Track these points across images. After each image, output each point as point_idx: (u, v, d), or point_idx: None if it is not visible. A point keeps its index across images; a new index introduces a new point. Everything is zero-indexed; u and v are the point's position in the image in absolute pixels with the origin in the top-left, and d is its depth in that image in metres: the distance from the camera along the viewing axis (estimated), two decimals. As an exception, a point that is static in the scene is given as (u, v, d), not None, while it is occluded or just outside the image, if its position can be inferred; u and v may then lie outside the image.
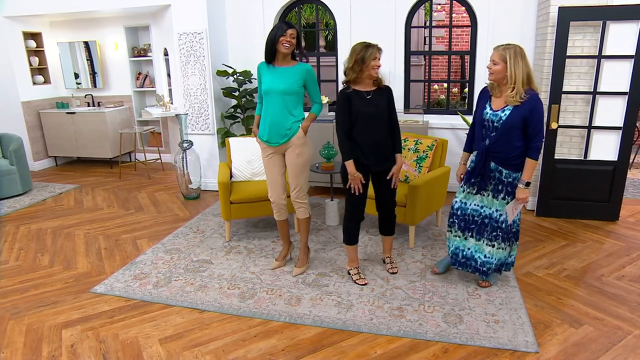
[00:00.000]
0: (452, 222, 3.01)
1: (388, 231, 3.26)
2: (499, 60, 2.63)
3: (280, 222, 3.36)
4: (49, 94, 6.80)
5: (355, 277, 3.17)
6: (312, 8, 8.91)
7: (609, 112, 4.05)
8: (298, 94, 3.07)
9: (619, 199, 4.15)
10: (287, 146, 3.12)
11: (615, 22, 3.85)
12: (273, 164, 3.20)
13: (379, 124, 2.92)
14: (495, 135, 2.72)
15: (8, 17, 5.97)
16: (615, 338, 2.51)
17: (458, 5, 4.96)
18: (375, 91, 2.93)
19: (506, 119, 2.65)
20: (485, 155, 2.78)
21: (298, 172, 3.15)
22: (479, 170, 2.83)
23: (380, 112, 2.92)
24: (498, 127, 2.69)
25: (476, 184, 2.89)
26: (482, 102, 2.84)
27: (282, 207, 3.28)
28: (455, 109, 5.29)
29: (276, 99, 3.04)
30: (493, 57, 2.66)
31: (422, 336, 2.54)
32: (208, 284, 3.18)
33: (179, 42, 5.03)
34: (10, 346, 2.55)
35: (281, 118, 3.05)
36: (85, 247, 3.89)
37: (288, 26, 2.95)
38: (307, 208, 3.25)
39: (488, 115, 2.74)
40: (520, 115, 2.61)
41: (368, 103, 2.90)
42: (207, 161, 5.34)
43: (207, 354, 2.44)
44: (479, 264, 2.95)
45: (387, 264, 3.33)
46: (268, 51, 3.02)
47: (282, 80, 3.01)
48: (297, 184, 3.18)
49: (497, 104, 2.72)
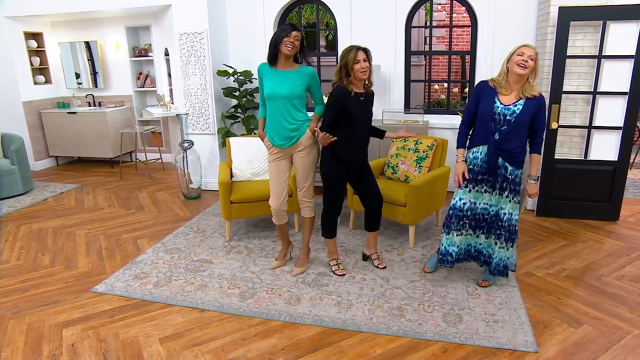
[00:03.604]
0: (463, 223, 2.95)
1: (374, 226, 3.31)
2: (536, 57, 2.69)
3: (279, 226, 3.35)
4: (50, 94, 6.81)
5: (335, 267, 3.28)
6: (313, 8, 8.92)
7: (609, 112, 4.05)
8: (301, 98, 3.06)
9: (619, 199, 4.15)
10: (296, 148, 3.10)
11: (616, 22, 3.85)
12: (279, 169, 3.17)
13: (364, 125, 3.07)
14: (506, 129, 2.74)
15: (9, 17, 5.98)
16: (614, 338, 2.51)
17: (458, 5, 4.96)
18: (366, 94, 3.02)
19: (520, 112, 2.71)
20: (495, 150, 2.77)
21: (307, 170, 3.15)
22: (492, 165, 2.79)
23: (369, 115, 3.08)
24: (511, 121, 2.73)
25: (485, 181, 2.86)
26: (485, 95, 2.81)
27: (282, 212, 3.27)
28: (455, 109, 5.29)
29: (280, 103, 3.00)
30: (530, 53, 2.67)
31: (422, 336, 2.55)
32: (208, 284, 3.18)
33: (180, 42, 5.04)
34: (11, 345, 2.56)
35: (287, 122, 3.03)
36: (86, 246, 3.90)
37: (293, 28, 2.91)
38: (312, 207, 3.26)
39: (500, 109, 2.75)
40: (531, 109, 2.71)
41: (361, 105, 2.98)
42: (207, 161, 5.34)
43: (207, 353, 2.45)
44: (487, 257, 3.00)
45: (375, 259, 3.38)
46: (271, 52, 2.98)
47: (286, 85, 2.98)
48: (305, 182, 3.19)
49: (508, 99, 2.75)
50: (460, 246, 3.02)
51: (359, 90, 2.97)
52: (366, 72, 2.89)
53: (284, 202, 3.23)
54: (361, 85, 2.98)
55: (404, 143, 4.04)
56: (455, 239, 2.98)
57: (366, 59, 2.87)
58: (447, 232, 2.99)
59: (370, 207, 3.24)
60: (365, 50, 2.89)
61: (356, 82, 2.93)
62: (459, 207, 2.94)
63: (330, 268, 3.31)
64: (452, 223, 2.97)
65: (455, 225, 2.96)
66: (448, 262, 3.02)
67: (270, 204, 3.24)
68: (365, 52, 2.88)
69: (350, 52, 2.86)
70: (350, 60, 2.85)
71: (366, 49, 2.91)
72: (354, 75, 2.88)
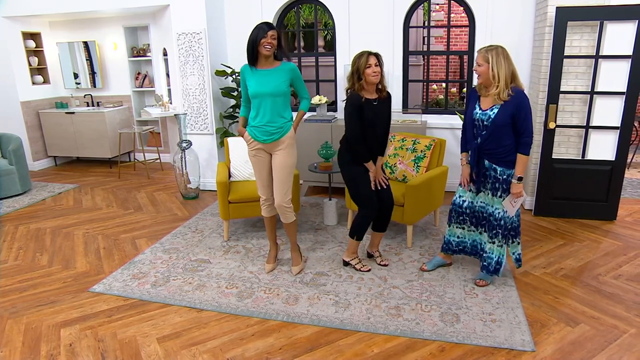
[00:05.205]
0: (464, 219, 3.07)
1: (382, 228, 3.34)
2: (483, 62, 2.71)
3: (269, 219, 3.33)
4: (49, 94, 6.81)
5: (359, 265, 3.31)
6: (311, 8, 8.92)
7: (606, 112, 4.06)
8: (286, 95, 3.06)
9: (617, 198, 4.16)
10: (277, 145, 3.09)
11: (613, 22, 3.86)
12: (262, 164, 3.16)
13: (381, 129, 3.09)
14: (486, 134, 2.80)
15: (7, 17, 5.98)
16: (611, 337, 2.52)
17: (456, 5, 4.97)
18: (380, 99, 3.04)
19: (495, 117, 2.73)
20: (478, 154, 2.85)
21: (287, 173, 3.12)
22: (477, 170, 2.89)
23: (382, 120, 3.09)
24: (488, 126, 2.77)
25: (474, 182, 2.95)
26: (471, 102, 2.92)
27: (273, 202, 3.25)
28: (453, 109, 5.30)
29: (265, 101, 3.01)
30: (477, 59, 2.76)
31: (419, 335, 2.55)
32: (206, 284, 3.19)
33: (178, 42, 5.04)
34: (9, 345, 2.56)
35: (272, 120, 3.04)
36: (84, 246, 3.90)
37: (268, 27, 2.91)
38: (292, 212, 3.22)
39: (478, 115, 2.82)
40: (508, 112, 2.70)
41: (374, 111, 3.01)
42: (205, 161, 5.35)
43: (204, 352, 2.46)
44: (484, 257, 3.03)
45: (378, 257, 3.43)
46: (250, 54, 2.97)
47: (269, 83, 2.99)
48: (286, 187, 3.13)
49: (486, 104, 2.80)
50: (464, 239, 3.14)
51: (371, 95, 3.01)
52: (377, 76, 2.93)
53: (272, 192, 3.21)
54: (373, 89, 3.01)
55: (402, 143, 4.05)
56: (455, 231, 3.13)
57: (377, 63, 2.92)
58: (449, 225, 3.15)
59: (380, 208, 3.25)
60: (377, 55, 2.94)
61: (368, 86, 2.98)
62: (458, 204, 3.07)
63: (354, 267, 3.33)
64: (452, 217, 3.12)
65: (455, 219, 3.11)
66: (450, 250, 3.19)
67: (260, 194, 3.24)
68: (376, 57, 2.93)
69: (362, 57, 2.91)
70: (361, 65, 2.90)
71: (377, 54, 2.95)
72: (366, 79, 2.93)
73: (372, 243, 3.45)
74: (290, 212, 3.20)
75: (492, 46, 2.71)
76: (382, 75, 2.97)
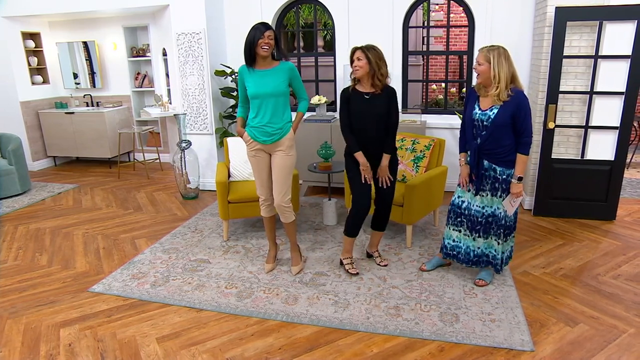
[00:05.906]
0: (461, 221, 3.05)
1: (381, 227, 3.33)
2: (484, 61, 2.71)
3: (269, 219, 3.32)
4: (48, 94, 6.80)
5: (348, 266, 3.27)
6: (311, 8, 8.92)
7: (605, 112, 4.06)
8: (285, 95, 3.06)
9: (616, 198, 4.16)
10: (276, 146, 3.09)
11: (612, 22, 3.87)
12: (262, 164, 3.15)
13: (373, 124, 3.02)
14: (485, 134, 2.80)
15: (7, 17, 5.98)
16: (610, 337, 2.52)
17: (456, 6, 4.98)
18: (375, 93, 3.00)
19: (495, 117, 2.73)
20: (478, 154, 2.85)
21: (286, 173, 3.11)
22: (476, 170, 2.89)
23: (376, 113, 3.00)
24: (488, 126, 2.77)
25: (473, 183, 2.94)
26: (470, 102, 2.91)
27: (271, 203, 3.25)
28: (453, 109, 5.30)
29: (266, 102, 3.00)
30: (478, 58, 2.75)
31: (419, 335, 2.56)
32: (206, 283, 3.19)
33: (178, 42, 5.04)
34: (8, 345, 2.56)
35: (272, 121, 3.03)
36: (83, 246, 3.90)
37: (265, 28, 2.90)
38: (292, 212, 3.22)
39: (477, 115, 2.82)
40: (508, 112, 2.70)
41: (366, 103, 2.99)
42: (205, 161, 5.35)
43: (204, 352, 2.46)
44: (491, 258, 3.02)
45: (377, 257, 3.42)
46: (247, 55, 2.97)
47: (269, 83, 2.98)
48: (285, 187, 3.12)
49: (485, 104, 2.80)
50: (459, 244, 3.08)
51: (366, 89, 3.00)
52: (359, 71, 2.92)
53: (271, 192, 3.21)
54: (368, 84, 2.99)
55: (402, 143, 4.05)
56: (452, 233, 3.11)
57: (361, 57, 2.90)
58: (447, 225, 3.14)
59: (378, 209, 3.25)
60: (365, 48, 2.91)
61: (362, 80, 3.00)
62: (456, 204, 3.06)
63: (343, 267, 3.31)
64: (450, 217, 3.11)
65: (453, 220, 3.09)
66: (445, 253, 3.17)
67: (259, 194, 3.24)
68: (363, 51, 2.90)
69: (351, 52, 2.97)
70: (350, 59, 2.97)
71: (366, 47, 2.92)
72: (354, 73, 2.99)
73: (372, 243, 3.45)
74: (289, 212, 3.20)
75: (494, 46, 2.71)
76: (372, 68, 2.90)
